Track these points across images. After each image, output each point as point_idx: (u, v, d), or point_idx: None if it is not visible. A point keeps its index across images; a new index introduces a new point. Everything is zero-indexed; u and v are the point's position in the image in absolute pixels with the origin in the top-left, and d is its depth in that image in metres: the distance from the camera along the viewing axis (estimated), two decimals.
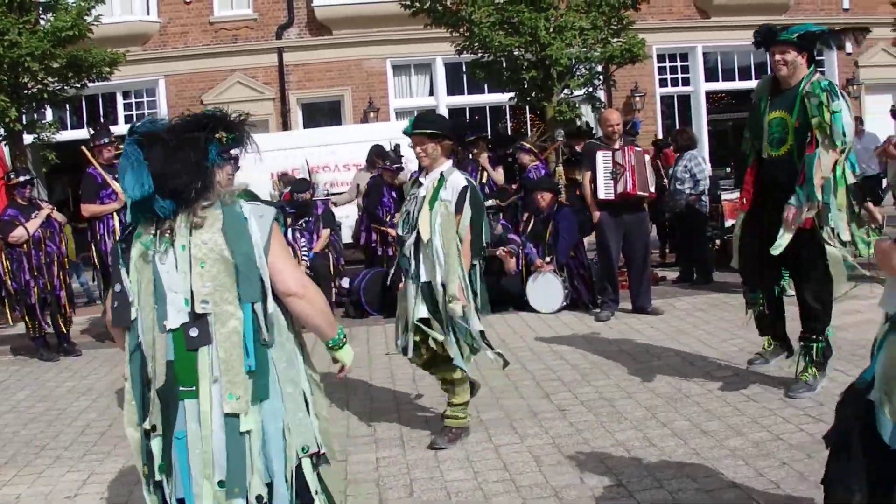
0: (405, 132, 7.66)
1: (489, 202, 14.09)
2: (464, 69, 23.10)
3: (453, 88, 28.00)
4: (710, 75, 29.41)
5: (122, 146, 4.32)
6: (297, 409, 4.43)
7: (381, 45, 27.25)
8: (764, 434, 7.19)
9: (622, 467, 6.69)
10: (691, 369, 9.38)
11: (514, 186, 15.55)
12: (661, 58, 28.90)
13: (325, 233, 14.43)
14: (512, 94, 20.70)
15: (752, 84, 28.76)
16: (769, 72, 8.42)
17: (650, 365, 9.71)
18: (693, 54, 29.02)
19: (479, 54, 19.87)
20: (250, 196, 5.01)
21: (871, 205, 17.00)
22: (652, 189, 12.88)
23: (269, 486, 4.29)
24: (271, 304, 4.33)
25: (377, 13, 26.43)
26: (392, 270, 8.25)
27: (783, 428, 7.30)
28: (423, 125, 7.53)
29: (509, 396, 8.85)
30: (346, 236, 17.11)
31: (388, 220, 14.90)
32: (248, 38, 27.29)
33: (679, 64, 29.32)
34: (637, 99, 27.74)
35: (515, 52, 19.11)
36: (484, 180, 15.33)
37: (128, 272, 4.35)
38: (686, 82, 29.33)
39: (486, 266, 13.75)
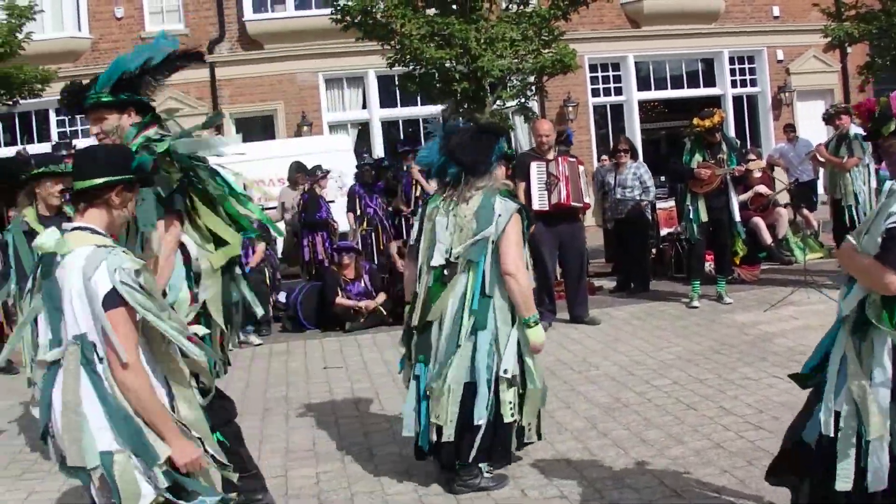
0: None
1: None
2: (396, 82, 23.05)
3: (386, 101, 27.96)
4: (643, 84, 29.58)
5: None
6: (505, 339, 6.46)
7: (313, 58, 27.16)
8: (704, 442, 7.22)
9: (563, 478, 6.68)
10: (630, 378, 9.41)
11: None
12: (593, 67, 29.03)
13: (261, 247, 14.32)
14: (444, 107, 20.68)
15: (684, 93, 29.19)
16: (701, 83, 8.29)
17: (588, 374, 9.73)
18: (625, 64, 29.18)
19: (411, 67, 19.84)
20: (509, 194, 6.69)
21: (806, 211, 17.28)
22: (587, 199, 12.93)
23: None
24: (489, 272, 6.43)
25: (308, 27, 26.34)
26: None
27: (723, 436, 7.34)
28: None
29: None
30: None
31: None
32: None
33: (611, 73, 29.47)
34: (570, 109, 27.84)
35: (447, 65, 19.09)
36: (418, 193, 15.31)
37: (422, 220, 6.77)
38: (619, 92, 29.48)
39: None
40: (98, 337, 4.19)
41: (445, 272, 6.52)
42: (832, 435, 4.49)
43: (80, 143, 18.07)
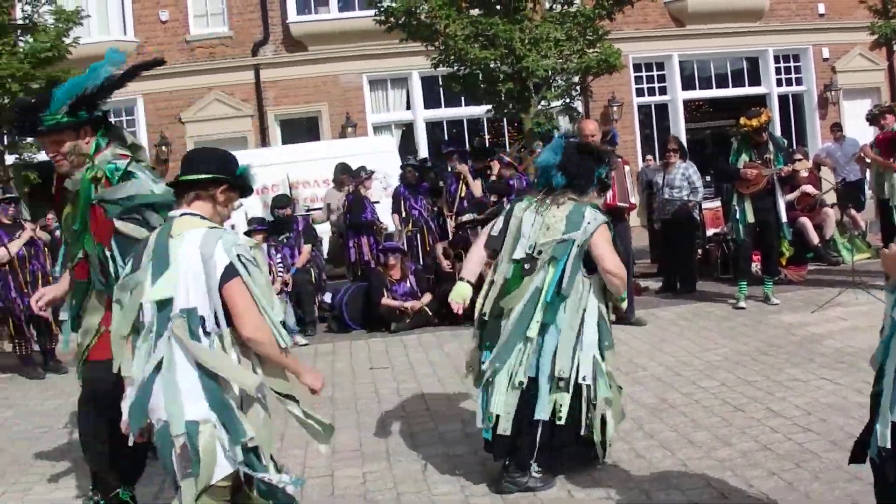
0: None
1: (467, 216, 14.09)
2: (440, 82, 23.06)
3: (430, 102, 27.98)
4: (687, 84, 29.43)
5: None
6: (571, 338, 6.61)
7: (357, 60, 27.23)
8: (752, 444, 7.18)
9: (610, 480, 6.67)
10: (676, 379, 9.38)
11: (493, 199, 15.50)
12: (637, 67, 28.92)
13: (307, 248, 14.39)
14: (489, 107, 20.68)
15: (729, 92, 29.01)
16: (746, 82, 8.25)
17: (634, 375, 9.69)
18: (669, 63, 29.05)
19: (455, 67, 19.85)
20: (597, 208, 6.97)
21: (853, 211, 17.11)
22: (633, 200, 12.88)
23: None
24: (568, 272, 6.64)
25: (352, 29, 26.41)
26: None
27: (771, 438, 7.29)
28: None
29: None
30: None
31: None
32: (224, 56, 27.25)
33: (655, 73, 29.34)
34: (614, 109, 27.76)
35: (491, 65, 19.09)
36: (463, 193, 15.30)
37: (508, 216, 7.07)
38: (663, 91, 29.35)
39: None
40: (209, 311, 4.61)
41: (525, 266, 6.79)
42: (888, 446, 4.41)
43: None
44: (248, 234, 13.58)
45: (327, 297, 14.80)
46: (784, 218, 12.92)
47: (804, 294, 13.38)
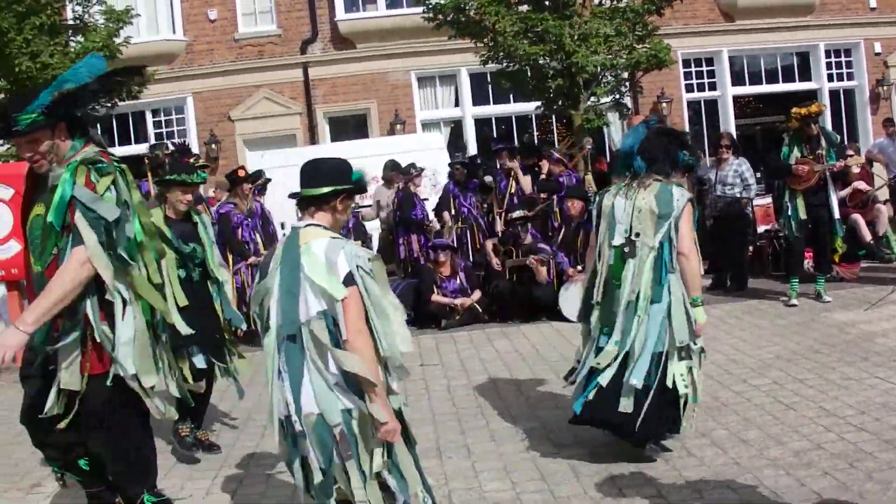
0: None
1: (517, 212, 14.07)
2: (489, 79, 23.06)
3: (478, 99, 27.94)
4: (737, 79, 29.22)
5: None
6: (681, 310, 7.03)
7: (405, 57, 27.25)
8: (804, 443, 7.14)
9: (661, 478, 6.66)
10: (728, 377, 9.34)
11: (543, 196, 15.48)
12: (686, 63, 28.73)
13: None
14: (538, 103, 20.66)
15: (780, 87, 28.77)
16: (796, 77, 8.21)
17: None
18: (719, 58, 28.85)
19: (504, 64, 19.85)
20: (680, 185, 7.36)
21: None
22: None
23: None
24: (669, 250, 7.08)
25: (400, 26, 26.46)
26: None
27: (824, 437, 7.25)
28: None
29: (546, 407, 8.82)
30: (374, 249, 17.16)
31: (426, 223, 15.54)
32: (273, 54, 27.37)
33: (705, 69, 29.14)
34: (664, 105, 27.61)
35: (541, 61, 19.07)
36: (513, 190, 15.31)
37: (599, 207, 7.50)
38: (713, 87, 29.14)
39: (518, 275, 13.80)
40: (336, 312, 4.96)
41: (626, 250, 7.19)
42: None
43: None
44: None
45: None
46: (837, 214, 12.82)
47: (856, 292, 13.28)
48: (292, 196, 5.43)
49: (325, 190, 5.19)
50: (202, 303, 7.95)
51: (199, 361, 7.84)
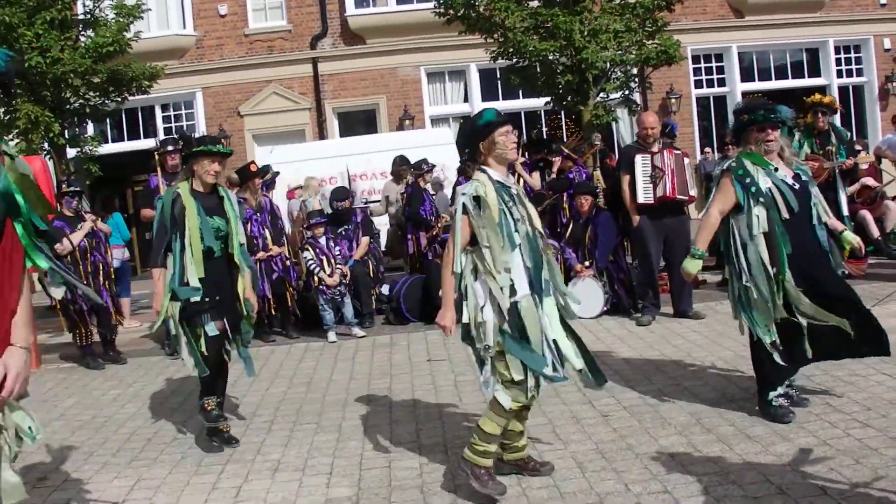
0: None
1: None
2: (498, 75, 23.08)
3: (488, 94, 27.99)
4: (746, 75, 29.23)
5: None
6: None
7: (415, 53, 27.31)
8: (810, 439, 7.13)
9: (667, 474, 6.65)
10: (735, 374, 9.33)
11: (550, 192, 15.48)
12: (695, 59, 28.76)
13: (365, 240, 14.45)
14: (547, 99, 20.67)
15: (789, 83, 28.73)
16: (805, 73, 8.23)
17: (693, 370, 9.67)
18: (728, 54, 28.86)
19: (514, 60, 19.85)
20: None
21: None
22: (692, 192, 12.80)
23: None
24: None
25: (410, 21, 26.51)
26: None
27: (830, 433, 7.24)
28: None
29: (552, 402, 8.81)
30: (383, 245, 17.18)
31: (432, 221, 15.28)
32: (282, 50, 27.44)
33: (714, 65, 29.17)
34: (673, 101, 27.64)
35: (550, 57, 19.08)
36: (521, 185, 15.31)
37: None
38: (722, 83, 29.17)
39: None
40: None
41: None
42: None
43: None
44: (308, 227, 13.72)
45: (385, 290, 14.86)
46: (846, 211, 12.79)
47: (864, 288, 13.22)
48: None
49: None
50: (220, 277, 8.06)
51: (211, 329, 7.91)
